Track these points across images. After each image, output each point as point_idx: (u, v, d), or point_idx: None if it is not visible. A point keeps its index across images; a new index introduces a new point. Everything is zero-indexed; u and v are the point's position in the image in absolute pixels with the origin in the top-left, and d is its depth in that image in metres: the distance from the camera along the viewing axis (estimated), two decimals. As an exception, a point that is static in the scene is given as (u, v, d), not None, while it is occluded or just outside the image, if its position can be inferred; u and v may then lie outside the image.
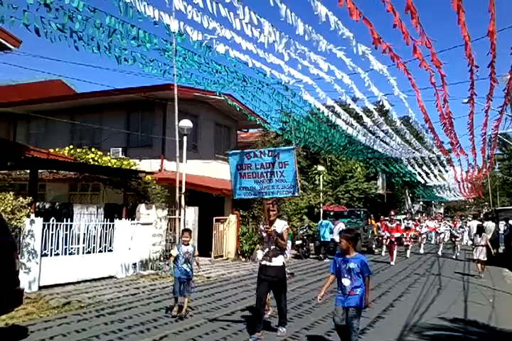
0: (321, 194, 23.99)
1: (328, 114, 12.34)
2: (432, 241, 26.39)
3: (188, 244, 7.80)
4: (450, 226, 22.45)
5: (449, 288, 11.37)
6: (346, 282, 5.39)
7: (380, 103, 10.82)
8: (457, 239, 20.42)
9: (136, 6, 5.84)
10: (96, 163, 15.04)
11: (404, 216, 23.95)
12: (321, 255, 18.51)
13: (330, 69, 7.92)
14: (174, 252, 7.82)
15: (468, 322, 7.71)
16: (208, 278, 12.28)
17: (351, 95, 10.98)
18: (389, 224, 18.53)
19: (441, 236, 22.63)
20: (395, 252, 17.61)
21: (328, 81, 8.91)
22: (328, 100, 11.18)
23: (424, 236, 23.67)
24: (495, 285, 12.00)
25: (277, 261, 6.47)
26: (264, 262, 6.51)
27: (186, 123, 13.99)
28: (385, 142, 15.05)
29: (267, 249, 6.50)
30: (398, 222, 19.11)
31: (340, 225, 17.18)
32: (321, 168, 24.59)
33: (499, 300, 9.94)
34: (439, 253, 21.45)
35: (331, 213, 22.42)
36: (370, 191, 28.55)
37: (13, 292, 5.98)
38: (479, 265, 13.75)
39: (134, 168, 15.06)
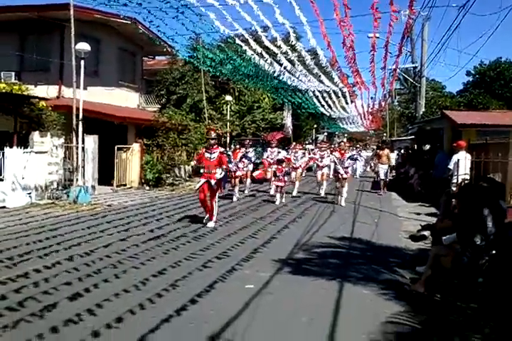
0: (228, 124, 24.02)
1: (237, 42, 12.09)
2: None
3: None
4: (336, 158, 13.96)
5: (341, 211, 12.19)
6: None
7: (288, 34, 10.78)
8: (342, 176, 13.45)
9: None
10: (-19, 88, 13.73)
11: (311, 146, 24.12)
12: None
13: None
14: None
15: (354, 240, 8.40)
16: (109, 205, 12.18)
17: (261, 24, 10.79)
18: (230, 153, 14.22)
19: (324, 170, 15.83)
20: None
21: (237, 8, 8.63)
22: (237, 28, 10.86)
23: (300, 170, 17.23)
24: (382, 207, 13.07)
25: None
26: None
27: (83, 46, 13.02)
28: (291, 72, 15.10)
29: None
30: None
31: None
32: (228, 97, 24.37)
33: (383, 219, 10.90)
34: (322, 193, 15.75)
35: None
36: (276, 121, 28.99)
37: None
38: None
39: (27, 93, 13.96)
